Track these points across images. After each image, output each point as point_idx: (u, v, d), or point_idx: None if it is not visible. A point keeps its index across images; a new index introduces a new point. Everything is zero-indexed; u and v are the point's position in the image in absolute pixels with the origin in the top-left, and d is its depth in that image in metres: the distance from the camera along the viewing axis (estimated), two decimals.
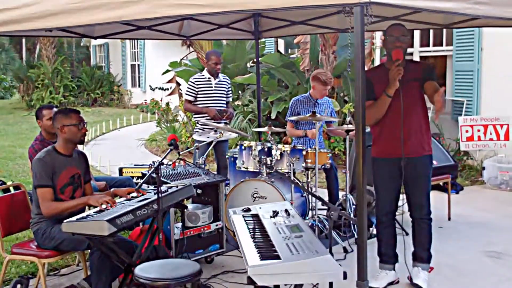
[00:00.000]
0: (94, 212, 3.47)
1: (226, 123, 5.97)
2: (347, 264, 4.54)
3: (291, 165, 5.02)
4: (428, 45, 9.53)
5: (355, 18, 2.39)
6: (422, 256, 4.11)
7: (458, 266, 4.64)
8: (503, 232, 5.59)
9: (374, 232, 4.65)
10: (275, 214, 3.25)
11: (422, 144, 3.98)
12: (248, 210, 3.42)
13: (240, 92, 10.90)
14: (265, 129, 5.31)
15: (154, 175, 3.61)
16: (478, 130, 7.76)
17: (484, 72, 8.32)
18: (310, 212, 5.36)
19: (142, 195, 3.82)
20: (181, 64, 11.42)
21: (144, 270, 2.90)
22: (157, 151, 11.18)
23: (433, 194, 6.81)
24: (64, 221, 3.35)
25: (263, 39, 11.36)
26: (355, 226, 5.21)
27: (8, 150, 11.55)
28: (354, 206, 5.53)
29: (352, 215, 5.35)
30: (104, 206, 3.54)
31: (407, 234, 5.03)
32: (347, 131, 5.46)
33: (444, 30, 9.06)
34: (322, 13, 5.41)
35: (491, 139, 7.74)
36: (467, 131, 7.80)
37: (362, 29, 2.40)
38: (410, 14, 4.67)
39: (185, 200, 4.12)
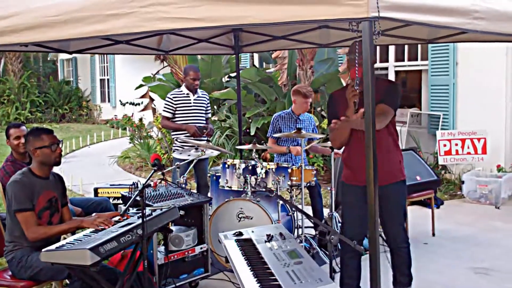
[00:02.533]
0: (74, 239, 3.25)
1: (208, 141, 5.81)
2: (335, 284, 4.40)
3: (277, 183, 4.87)
4: (403, 60, 9.57)
5: (363, 33, 2.24)
6: (401, 281, 3.94)
7: (448, 284, 4.56)
8: (488, 247, 5.56)
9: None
10: (269, 238, 3.09)
11: (392, 171, 3.71)
12: (240, 234, 3.25)
13: (215, 107, 10.75)
14: (249, 146, 5.16)
15: (138, 198, 3.42)
16: (456, 144, 7.78)
17: (459, 86, 8.38)
18: (296, 231, 5.21)
19: (126, 218, 3.62)
20: (154, 79, 11.20)
21: None
22: (131, 168, 10.90)
23: (416, 209, 6.89)
24: (43, 250, 3.12)
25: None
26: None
27: None
28: (340, 224, 5.41)
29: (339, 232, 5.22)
30: (101, 227, 3.40)
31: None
32: (332, 148, 5.35)
33: (419, 45, 9.11)
34: (303, 28, 5.32)
35: (468, 153, 7.76)
36: (445, 145, 7.81)
37: (371, 44, 2.25)
38: (396, 28, 4.61)
39: (170, 223, 3.93)
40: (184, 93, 5.92)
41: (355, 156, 3.69)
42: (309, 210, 5.68)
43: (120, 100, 19.85)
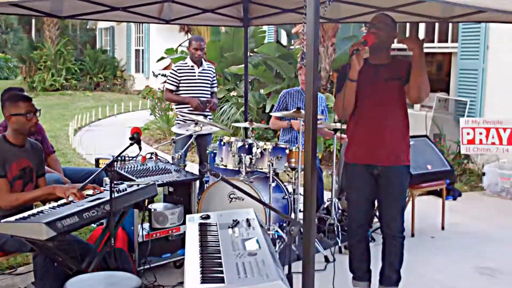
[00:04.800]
0: (37, 211, 3.13)
1: (206, 116, 5.62)
2: (326, 275, 4.19)
3: (271, 164, 4.64)
4: (433, 41, 9.08)
5: (308, 3, 1.99)
6: (390, 276, 3.70)
7: (447, 283, 4.28)
8: (499, 244, 5.21)
9: None
10: (234, 224, 2.89)
11: (397, 153, 3.55)
12: (208, 217, 3.06)
13: (237, 82, 10.51)
14: (245, 124, 4.93)
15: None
16: (480, 133, 7.33)
17: (489, 71, 7.88)
18: (293, 214, 5.00)
19: (100, 192, 3.47)
20: (177, 51, 11.03)
21: (75, 285, 2.55)
22: (150, 140, 10.82)
23: (428, 200, 6.54)
24: (2, 221, 3.01)
25: (264, 28, 10.99)
26: (339, 232, 4.86)
27: None
28: (340, 211, 5.18)
29: (336, 220, 4.99)
30: (71, 199, 3.28)
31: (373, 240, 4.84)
32: (335, 130, 5.09)
33: (450, 26, 8.62)
34: None
35: (493, 143, 7.30)
36: (468, 134, 7.37)
37: (316, 17, 1.99)
38: (407, 5, 4.28)
39: (147, 200, 3.77)
40: (188, 65, 5.73)
41: (362, 134, 3.56)
42: None
43: (152, 71, 19.83)
